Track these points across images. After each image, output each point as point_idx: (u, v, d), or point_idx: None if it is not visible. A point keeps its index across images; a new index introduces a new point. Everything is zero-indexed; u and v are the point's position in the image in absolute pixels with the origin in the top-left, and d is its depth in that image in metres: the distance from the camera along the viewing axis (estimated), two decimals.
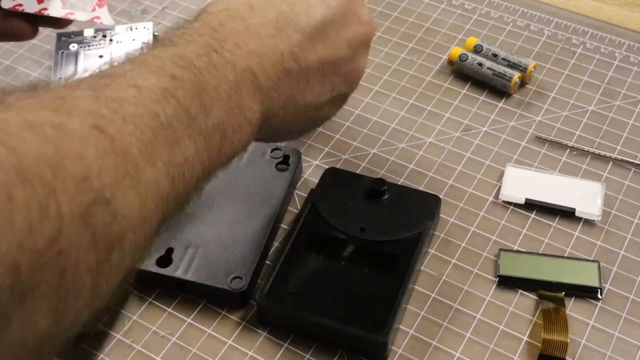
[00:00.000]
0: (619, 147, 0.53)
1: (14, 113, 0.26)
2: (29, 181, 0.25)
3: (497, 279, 0.46)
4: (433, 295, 0.45)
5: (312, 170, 0.52)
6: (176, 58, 0.34)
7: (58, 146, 0.26)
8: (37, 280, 0.25)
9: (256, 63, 0.37)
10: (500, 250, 0.47)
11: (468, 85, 0.58)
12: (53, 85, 0.30)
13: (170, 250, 0.45)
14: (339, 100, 0.45)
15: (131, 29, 0.59)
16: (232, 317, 0.45)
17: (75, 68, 0.57)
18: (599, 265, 0.46)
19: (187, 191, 0.34)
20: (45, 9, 0.49)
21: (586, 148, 0.53)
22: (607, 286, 0.45)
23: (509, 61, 0.57)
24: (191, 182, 0.34)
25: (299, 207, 0.50)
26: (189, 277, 0.44)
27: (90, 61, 0.57)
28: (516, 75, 0.56)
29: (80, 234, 0.26)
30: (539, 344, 0.42)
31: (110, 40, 0.59)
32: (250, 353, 0.43)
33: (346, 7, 0.41)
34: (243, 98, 0.36)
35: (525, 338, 0.43)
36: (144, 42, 0.39)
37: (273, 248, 0.48)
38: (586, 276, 0.45)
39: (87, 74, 0.32)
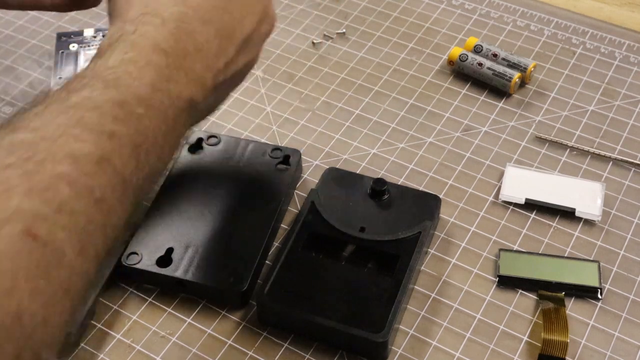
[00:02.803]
0: (619, 147, 0.53)
1: None
2: None
3: (497, 279, 0.46)
4: (433, 295, 0.45)
5: (312, 170, 0.52)
6: (117, 107, 0.33)
7: None
8: None
9: (196, 89, 0.37)
10: (500, 250, 0.47)
11: (468, 85, 0.58)
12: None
13: (170, 250, 0.45)
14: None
15: None
16: (232, 317, 0.45)
17: (75, 68, 0.57)
18: (599, 265, 0.46)
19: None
20: None
21: (586, 148, 0.53)
22: (607, 286, 0.45)
23: (509, 61, 0.57)
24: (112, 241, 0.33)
25: (299, 207, 0.50)
26: (189, 277, 0.44)
27: None
28: (516, 75, 0.56)
29: None
30: (539, 344, 0.42)
31: None
32: (250, 353, 0.43)
33: (266, 10, 0.42)
34: (178, 127, 0.37)
35: (525, 338, 0.43)
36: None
37: (273, 248, 0.47)
38: (586, 276, 0.45)
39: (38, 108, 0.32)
